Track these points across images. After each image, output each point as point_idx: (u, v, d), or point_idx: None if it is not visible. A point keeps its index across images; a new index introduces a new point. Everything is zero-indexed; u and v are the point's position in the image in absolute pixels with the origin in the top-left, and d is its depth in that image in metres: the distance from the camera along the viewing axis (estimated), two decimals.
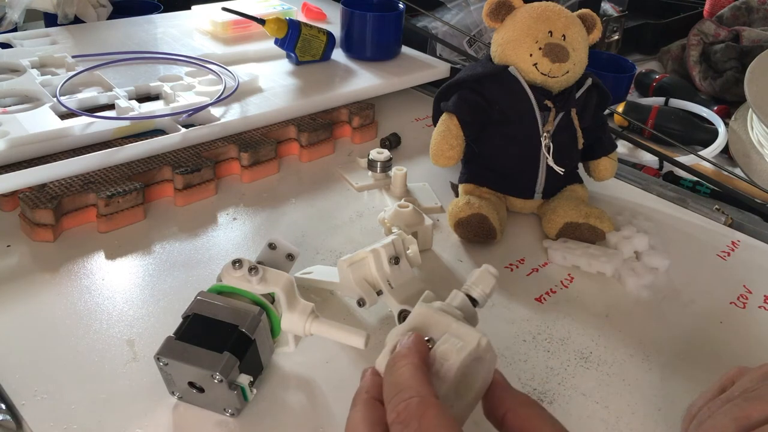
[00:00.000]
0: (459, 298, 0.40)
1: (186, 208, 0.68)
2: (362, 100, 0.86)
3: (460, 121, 0.66)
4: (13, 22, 0.92)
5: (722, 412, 0.37)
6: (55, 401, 0.45)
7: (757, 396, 0.37)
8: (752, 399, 0.37)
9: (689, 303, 0.60)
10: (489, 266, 0.40)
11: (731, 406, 0.37)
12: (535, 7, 0.65)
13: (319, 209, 0.69)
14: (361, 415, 0.34)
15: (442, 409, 0.31)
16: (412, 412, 0.31)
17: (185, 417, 0.45)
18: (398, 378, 0.33)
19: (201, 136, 0.71)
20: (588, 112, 0.68)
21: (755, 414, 0.36)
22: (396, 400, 0.32)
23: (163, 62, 0.87)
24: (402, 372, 0.33)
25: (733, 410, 0.37)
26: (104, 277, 0.57)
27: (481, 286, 0.40)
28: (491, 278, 0.40)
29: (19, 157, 0.64)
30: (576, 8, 0.74)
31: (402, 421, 0.31)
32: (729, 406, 0.37)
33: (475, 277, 0.40)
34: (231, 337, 0.43)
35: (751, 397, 0.37)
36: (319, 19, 1.06)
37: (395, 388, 0.33)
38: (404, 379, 0.33)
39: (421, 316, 0.37)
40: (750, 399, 0.37)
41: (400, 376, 0.33)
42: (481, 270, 0.40)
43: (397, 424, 0.31)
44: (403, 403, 0.31)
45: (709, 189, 0.80)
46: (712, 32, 1.14)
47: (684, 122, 0.97)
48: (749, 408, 0.37)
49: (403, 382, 0.33)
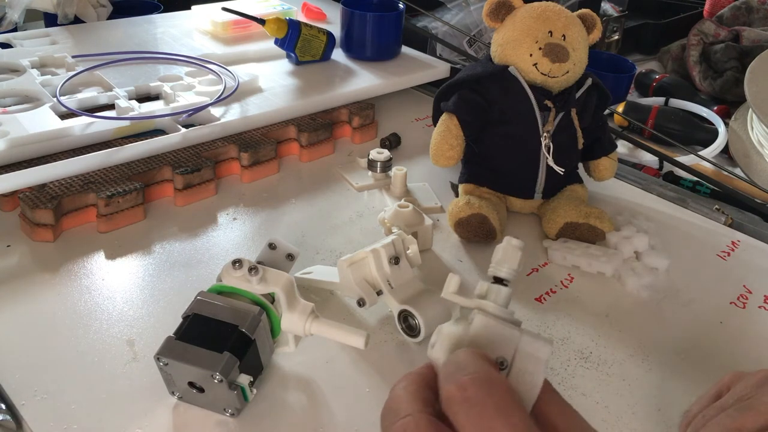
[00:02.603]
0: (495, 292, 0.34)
1: (186, 208, 0.68)
2: (362, 100, 0.86)
3: (460, 121, 0.66)
4: (13, 22, 0.92)
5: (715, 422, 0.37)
6: (55, 401, 0.45)
7: (751, 406, 0.37)
8: (745, 409, 0.37)
9: (689, 303, 0.60)
10: (511, 239, 0.36)
11: (724, 417, 0.37)
12: (535, 7, 0.65)
13: (319, 209, 0.69)
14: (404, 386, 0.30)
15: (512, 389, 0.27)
16: (481, 385, 0.27)
17: (185, 417, 0.45)
18: (460, 357, 0.29)
19: (201, 136, 0.71)
20: (588, 112, 0.68)
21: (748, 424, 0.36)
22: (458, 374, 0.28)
23: (163, 62, 0.87)
24: (465, 353, 0.29)
25: (725, 421, 0.37)
26: (104, 277, 0.57)
27: (507, 264, 0.35)
28: (516, 251, 0.36)
29: (19, 157, 0.64)
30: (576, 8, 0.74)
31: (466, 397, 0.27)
32: (722, 416, 0.37)
33: (499, 255, 0.36)
34: (231, 337, 0.43)
35: (745, 407, 0.37)
36: (319, 19, 1.06)
37: (455, 365, 0.28)
38: (466, 358, 0.29)
39: (486, 330, 0.32)
40: (743, 409, 0.37)
41: (464, 356, 0.29)
42: (504, 246, 0.36)
43: (460, 400, 0.27)
44: (468, 377, 0.27)
45: (709, 189, 0.80)
46: (712, 32, 1.14)
47: (684, 122, 0.97)
48: (742, 418, 0.37)
49: (465, 359, 0.29)
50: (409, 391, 0.29)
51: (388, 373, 0.50)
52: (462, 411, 0.26)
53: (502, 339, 0.31)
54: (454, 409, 0.27)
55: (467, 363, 0.28)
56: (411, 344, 0.52)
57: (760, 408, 0.37)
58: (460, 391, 0.27)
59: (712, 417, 0.38)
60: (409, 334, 0.52)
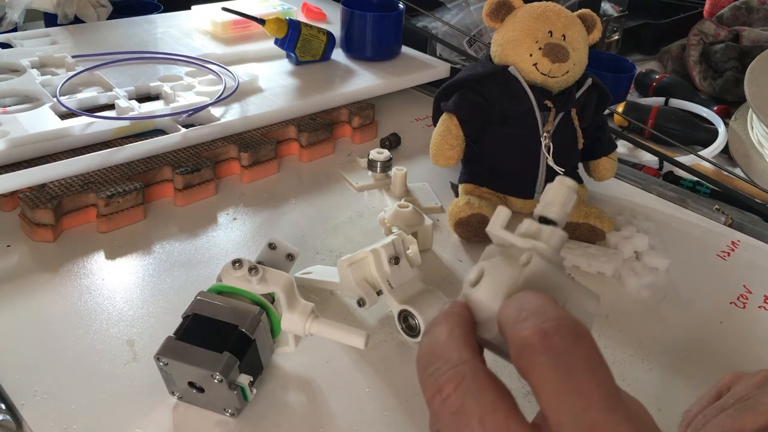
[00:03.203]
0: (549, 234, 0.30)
1: (186, 208, 0.68)
2: (362, 100, 0.86)
3: (460, 121, 0.66)
4: (13, 22, 0.92)
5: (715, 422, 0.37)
6: (55, 401, 0.45)
7: (750, 406, 0.37)
8: (745, 410, 0.37)
9: (689, 303, 0.60)
10: (564, 178, 0.31)
11: (724, 417, 0.37)
12: (535, 7, 0.65)
13: (319, 209, 0.69)
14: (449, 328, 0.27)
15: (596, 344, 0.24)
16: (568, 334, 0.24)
17: (185, 417, 0.45)
18: (532, 301, 0.25)
19: (201, 136, 0.71)
20: (588, 112, 0.68)
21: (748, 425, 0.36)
22: (538, 319, 0.24)
23: (163, 62, 0.87)
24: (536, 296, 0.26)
25: (726, 421, 0.37)
26: (104, 277, 0.57)
27: (559, 206, 0.31)
28: (571, 193, 0.31)
29: (19, 157, 0.64)
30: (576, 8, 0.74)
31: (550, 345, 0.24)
32: (722, 417, 0.37)
33: (550, 195, 0.31)
34: (231, 337, 0.43)
35: (744, 408, 0.37)
36: (319, 19, 1.06)
37: (529, 311, 0.25)
38: (541, 304, 0.25)
39: (543, 276, 0.28)
40: (743, 410, 0.37)
41: (535, 299, 0.26)
42: (556, 186, 0.31)
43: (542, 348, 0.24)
44: (551, 323, 0.24)
45: (709, 189, 0.80)
46: (712, 32, 1.14)
47: (684, 122, 0.97)
48: (742, 419, 0.36)
49: (541, 306, 0.25)
50: (455, 336, 0.26)
51: (388, 373, 0.50)
52: (543, 362, 0.23)
53: (555, 287, 0.28)
54: (531, 358, 0.24)
55: (545, 308, 0.25)
56: (411, 344, 0.52)
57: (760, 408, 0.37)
58: (542, 338, 0.23)
59: (712, 417, 0.38)
60: (409, 334, 0.52)
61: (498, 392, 0.24)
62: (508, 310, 0.25)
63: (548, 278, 0.28)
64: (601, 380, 0.23)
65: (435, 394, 0.25)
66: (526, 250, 0.29)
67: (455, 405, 0.24)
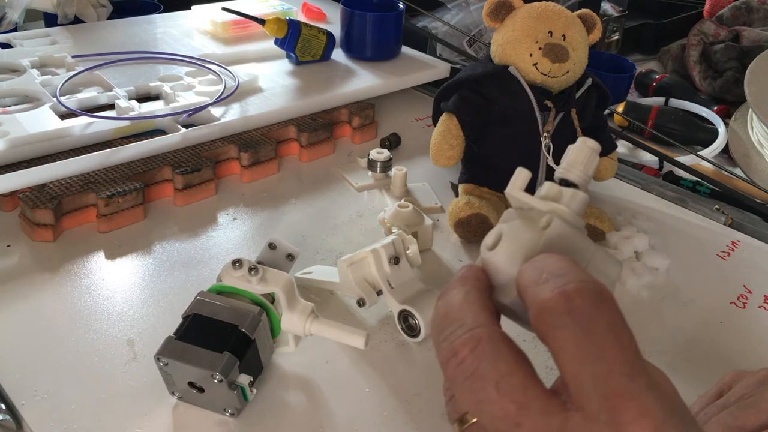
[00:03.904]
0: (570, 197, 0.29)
1: (186, 208, 0.68)
2: (362, 100, 0.86)
3: (460, 121, 0.66)
4: (13, 22, 0.92)
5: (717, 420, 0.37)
6: (55, 401, 0.45)
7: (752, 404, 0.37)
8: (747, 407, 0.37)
9: (689, 303, 0.60)
10: (587, 139, 0.30)
11: (726, 415, 0.37)
12: (535, 7, 0.65)
13: (319, 209, 0.69)
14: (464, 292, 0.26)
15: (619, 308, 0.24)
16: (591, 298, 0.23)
17: (185, 417, 0.45)
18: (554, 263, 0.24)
19: (201, 136, 0.71)
20: (588, 112, 0.68)
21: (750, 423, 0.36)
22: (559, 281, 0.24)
23: (163, 62, 0.87)
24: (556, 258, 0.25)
25: (727, 419, 0.37)
26: (104, 277, 0.57)
27: (581, 167, 0.30)
28: (593, 154, 0.30)
29: (19, 157, 0.64)
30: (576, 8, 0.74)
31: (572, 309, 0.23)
32: (724, 414, 0.37)
33: (572, 156, 0.30)
34: (231, 337, 0.43)
35: (746, 405, 0.37)
36: (319, 19, 1.06)
37: (550, 272, 0.24)
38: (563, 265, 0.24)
39: (564, 240, 0.27)
40: (744, 407, 0.37)
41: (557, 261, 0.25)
42: (578, 147, 0.30)
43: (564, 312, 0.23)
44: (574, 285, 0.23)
45: (709, 189, 0.80)
46: (712, 32, 1.14)
47: (684, 122, 0.97)
48: (743, 417, 0.37)
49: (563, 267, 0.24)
50: (470, 299, 0.25)
51: (388, 373, 0.50)
52: (564, 325, 0.22)
53: (577, 251, 0.27)
54: (552, 321, 0.23)
55: (567, 270, 0.24)
56: (411, 344, 0.52)
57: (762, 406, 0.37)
58: (564, 301, 0.22)
59: (713, 415, 0.38)
60: (409, 334, 0.52)
61: (515, 356, 0.23)
62: (528, 271, 0.25)
63: (569, 242, 0.27)
64: (624, 345, 0.23)
65: (450, 357, 0.24)
66: (545, 213, 0.28)
67: (470, 369, 0.23)
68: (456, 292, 0.26)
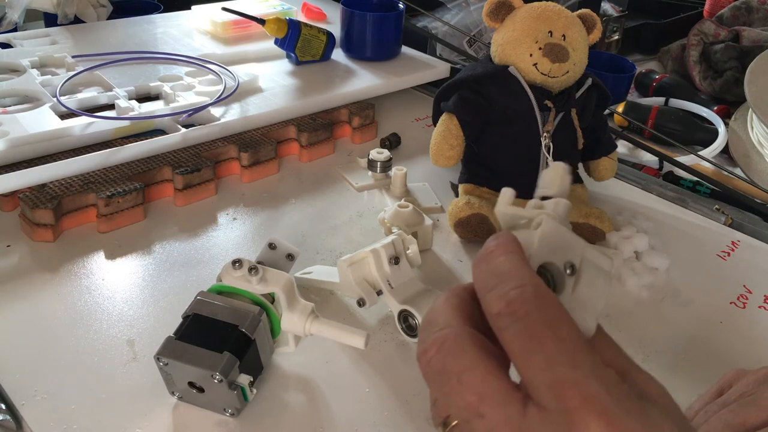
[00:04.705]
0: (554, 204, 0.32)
1: (186, 208, 0.68)
2: (362, 100, 0.86)
3: (460, 121, 0.66)
4: (13, 22, 0.92)
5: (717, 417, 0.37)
6: (55, 401, 0.45)
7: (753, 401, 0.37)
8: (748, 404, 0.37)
9: (689, 303, 0.60)
10: (559, 163, 0.33)
11: (726, 412, 0.37)
12: (535, 7, 0.65)
13: (319, 209, 0.69)
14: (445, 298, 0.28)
15: (560, 303, 0.25)
16: (528, 300, 0.25)
17: (185, 417, 0.45)
18: (500, 267, 0.26)
19: (201, 136, 0.71)
20: (588, 112, 0.68)
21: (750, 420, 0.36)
22: (502, 288, 0.25)
23: (163, 62, 0.87)
24: (502, 261, 0.26)
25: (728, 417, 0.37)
26: (104, 277, 0.57)
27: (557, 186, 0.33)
28: (566, 174, 0.33)
29: (19, 157, 0.64)
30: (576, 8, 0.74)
31: (513, 312, 0.25)
32: (724, 412, 0.37)
33: (548, 178, 0.33)
34: (231, 337, 0.43)
35: (747, 403, 0.37)
36: (319, 19, 1.06)
37: (497, 277, 0.26)
38: (508, 269, 0.26)
39: (556, 235, 0.29)
40: (745, 405, 0.37)
41: (502, 264, 0.26)
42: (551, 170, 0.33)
43: (506, 315, 0.25)
44: (515, 291, 0.25)
45: (709, 189, 0.80)
46: (712, 32, 1.14)
47: (684, 122, 0.97)
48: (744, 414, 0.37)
49: (507, 271, 0.26)
50: (450, 303, 0.28)
51: (388, 373, 0.50)
52: (508, 326, 0.25)
53: (569, 245, 0.29)
54: (499, 325, 0.25)
55: (509, 274, 0.26)
56: (411, 344, 0.52)
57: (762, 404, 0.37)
58: (505, 305, 0.25)
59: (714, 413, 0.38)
60: (409, 334, 0.52)
61: (479, 352, 0.25)
62: (480, 275, 0.27)
63: (561, 237, 0.29)
64: (562, 337, 0.24)
65: (421, 355, 0.27)
66: (536, 217, 0.31)
67: (437, 365, 0.26)
68: (438, 301, 0.28)
